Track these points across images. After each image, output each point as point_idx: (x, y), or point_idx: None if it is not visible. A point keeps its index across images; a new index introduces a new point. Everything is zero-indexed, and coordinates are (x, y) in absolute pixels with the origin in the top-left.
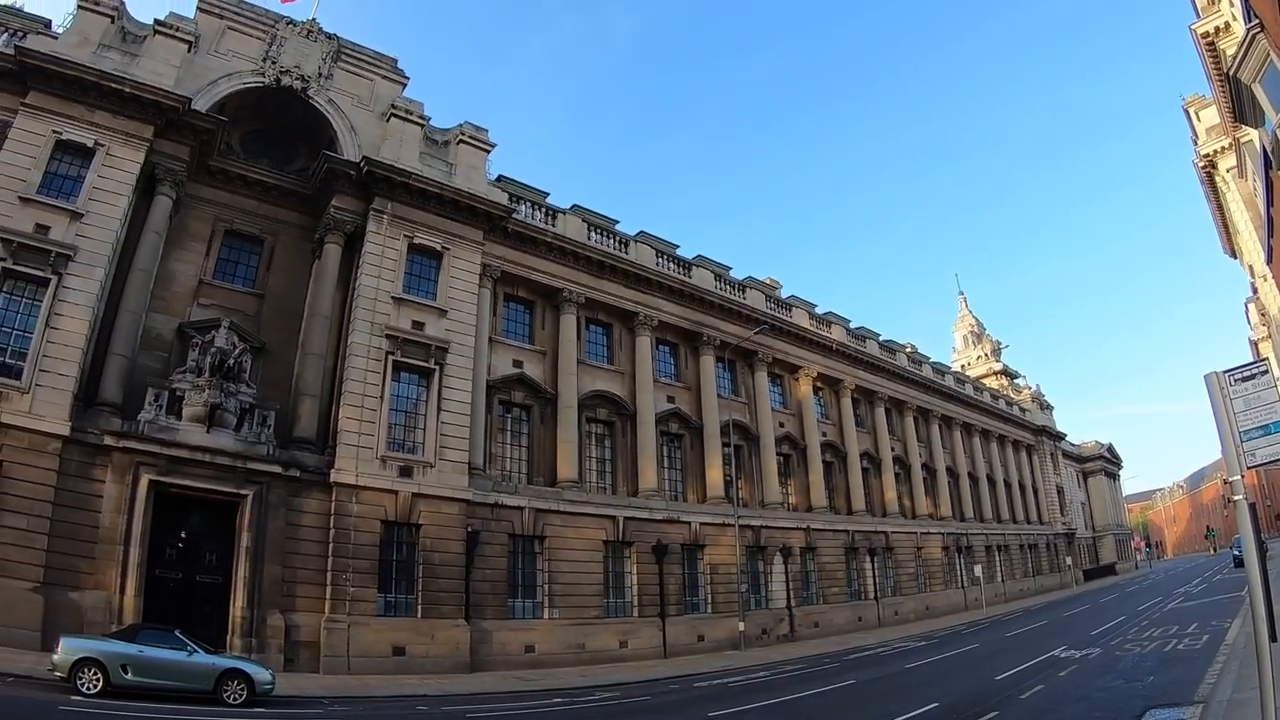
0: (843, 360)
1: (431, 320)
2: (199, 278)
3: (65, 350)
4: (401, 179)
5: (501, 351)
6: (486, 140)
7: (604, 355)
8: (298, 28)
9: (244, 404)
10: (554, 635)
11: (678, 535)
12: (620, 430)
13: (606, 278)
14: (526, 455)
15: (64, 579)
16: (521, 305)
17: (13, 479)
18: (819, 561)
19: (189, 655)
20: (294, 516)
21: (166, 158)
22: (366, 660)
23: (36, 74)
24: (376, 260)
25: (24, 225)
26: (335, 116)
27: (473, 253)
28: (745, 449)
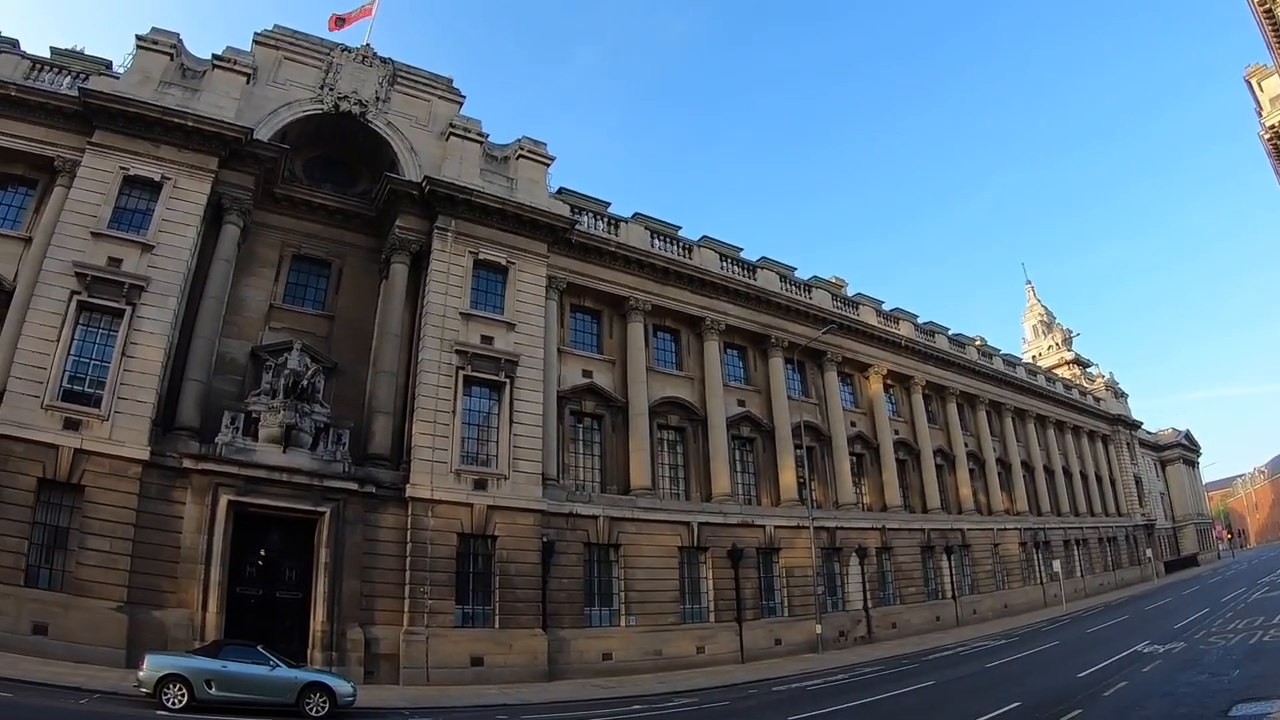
0: (912, 356)
1: (500, 334)
2: (269, 302)
3: (142, 377)
4: (464, 196)
5: (571, 362)
6: (545, 153)
7: (672, 361)
8: (352, 54)
9: (318, 423)
10: (631, 642)
11: (752, 539)
12: (691, 436)
13: (671, 284)
14: (599, 464)
15: (147, 598)
16: (588, 315)
17: (96, 503)
18: (895, 561)
19: (271, 670)
20: (371, 532)
21: (232, 187)
22: (445, 671)
23: (101, 113)
24: (443, 277)
25: (97, 259)
26: (395, 138)
27: (538, 266)
28: (818, 450)
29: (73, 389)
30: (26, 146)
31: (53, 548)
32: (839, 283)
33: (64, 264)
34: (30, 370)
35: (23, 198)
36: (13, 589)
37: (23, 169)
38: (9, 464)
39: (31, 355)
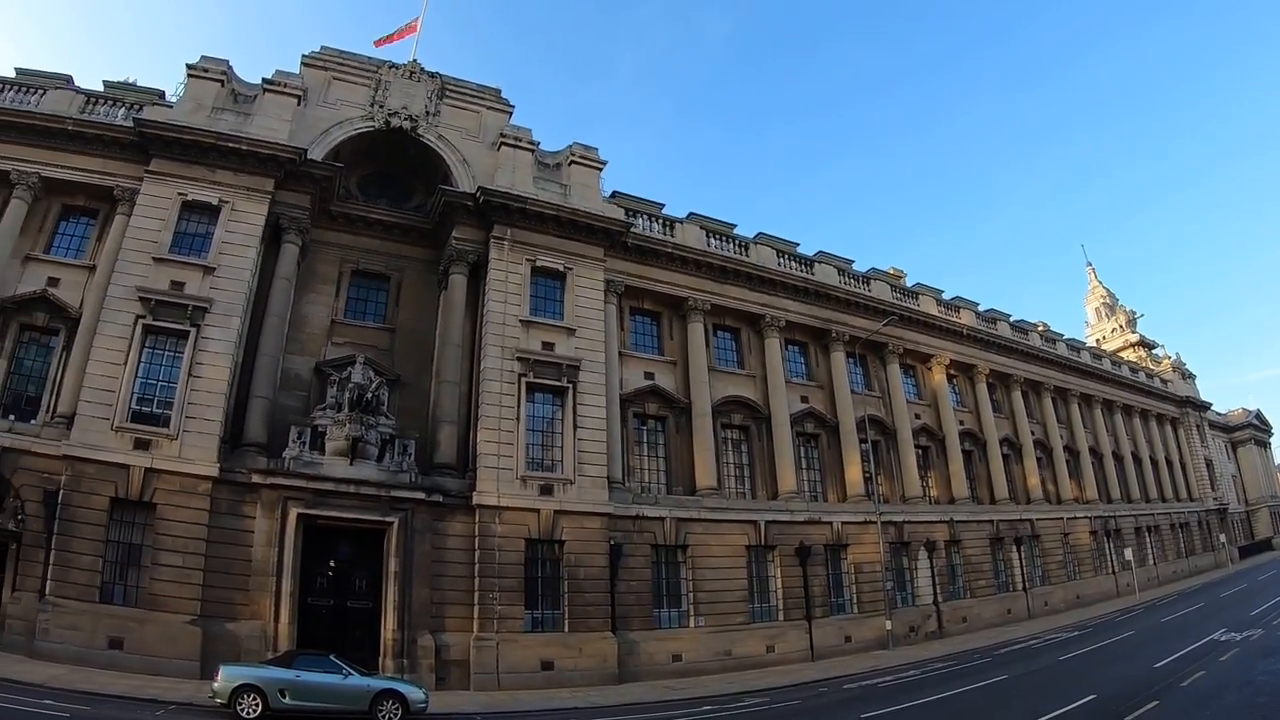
0: (974, 345)
1: (561, 340)
2: (331, 318)
3: (209, 396)
4: (518, 205)
5: (632, 365)
6: (597, 158)
7: (734, 360)
8: (400, 70)
9: (384, 435)
10: (700, 643)
11: (820, 536)
12: (755, 434)
13: (729, 282)
14: (664, 465)
15: (220, 611)
16: (648, 317)
17: (168, 520)
18: (964, 554)
19: (344, 678)
20: (439, 540)
21: (289, 207)
22: (515, 676)
23: (157, 142)
24: (501, 286)
25: (160, 283)
26: (447, 151)
27: (595, 270)
28: (883, 444)
29: (141, 410)
30: (86, 178)
31: (126, 565)
32: (898, 273)
33: (128, 289)
34: (99, 394)
35: (85, 227)
36: (89, 605)
37: (84, 199)
38: (82, 485)
39: (100, 379)
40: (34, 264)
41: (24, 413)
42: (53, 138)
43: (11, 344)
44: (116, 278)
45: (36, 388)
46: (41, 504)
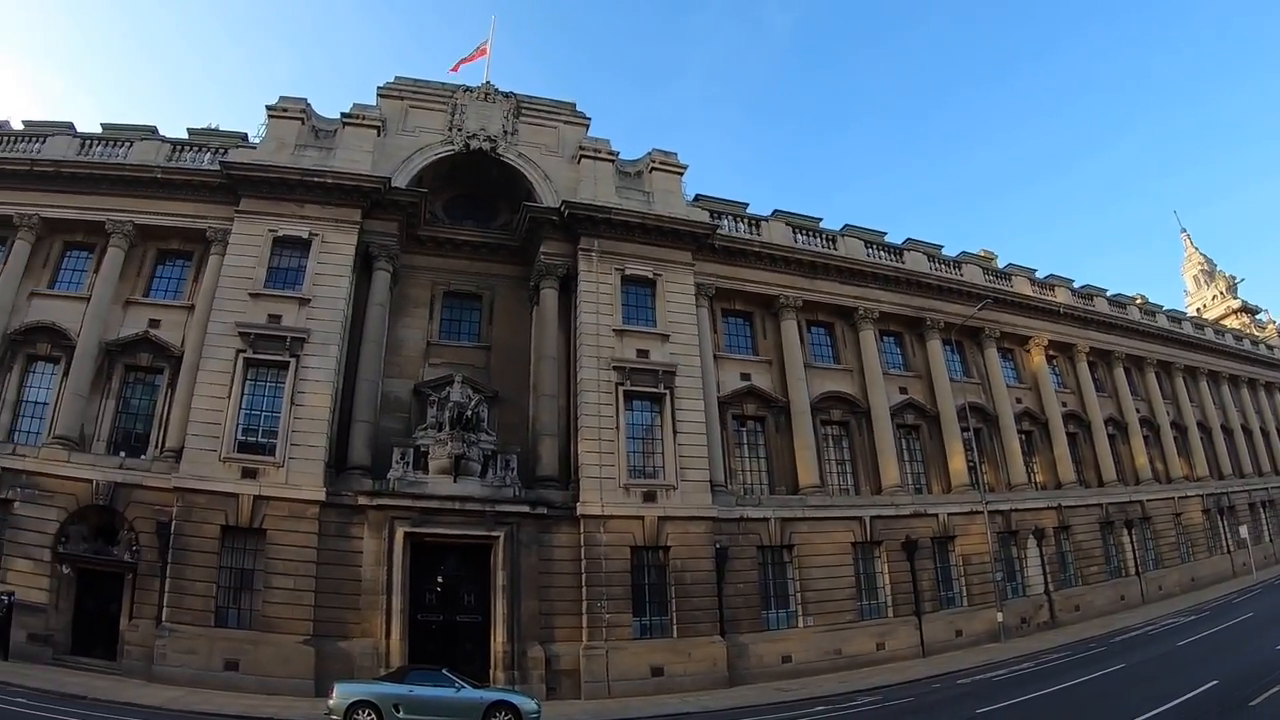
0: (1072, 323)
1: (655, 346)
2: (426, 340)
3: (312, 423)
4: (603, 215)
5: (727, 367)
6: (677, 163)
7: (829, 355)
8: (474, 93)
9: (486, 451)
10: (810, 643)
11: (926, 529)
12: (856, 429)
13: (820, 277)
14: (765, 466)
15: (332, 630)
16: (740, 318)
17: (278, 544)
18: (1073, 540)
19: (457, 691)
20: (545, 551)
21: (378, 235)
22: (626, 683)
23: (244, 182)
24: (592, 297)
25: (258, 318)
26: (528, 168)
27: (684, 275)
28: (984, 431)
29: (247, 440)
30: (178, 222)
31: (239, 589)
32: (988, 255)
33: (227, 325)
34: (205, 426)
35: (181, 269)
36: (204, 630)
37: (178, 243)
38: (193, 515)
39: (205, 413)
40: (135, 308)
41: (134, 449)
42: (143, 186)
43: (118, 384)
44: (215, 315)
45: (144, 425)
46: (155, 535)
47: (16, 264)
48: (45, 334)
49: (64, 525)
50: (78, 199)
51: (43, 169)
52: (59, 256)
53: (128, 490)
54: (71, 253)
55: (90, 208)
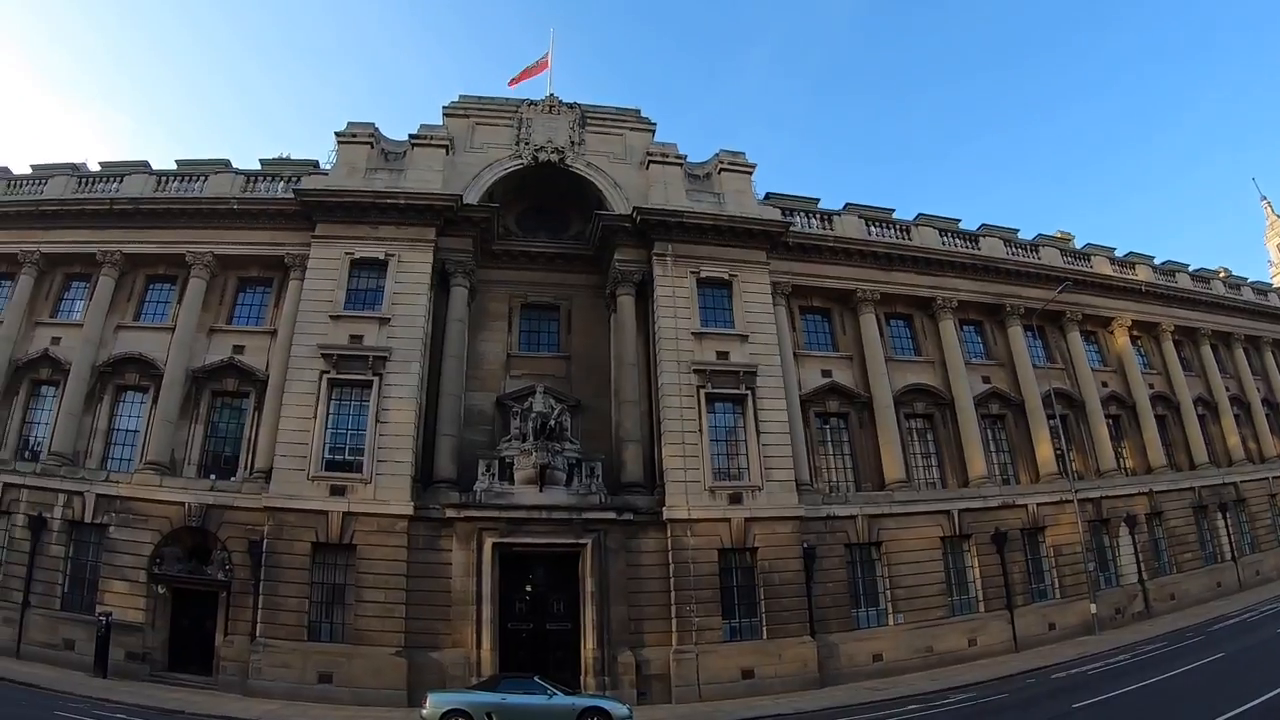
0: (1155, 301)
1: (734, 347)
2: (506, 352)
3: (397, 439)
4: (675, 219)
5: (808, 364)
6: (745, 162)
7: (909, 348)
8: (539, 106)
9: (570, 460)
10: (900, 641)
11: (1015, 520)
12: (940, 421)
13: (895, 269)
14: (850, 463)
15: (423, 641)
16: (818, 314)
17: (368, 559)
18: (1166, 526)
19: (549, 698)
20: (633, 557)
21: (453, 252)
22: (716, 686)
23: (319, 208)
24: (669, 301)
25: (340, 339)
26: (597, 177)
27: (760, 274)
28: (1071, 417)
29: (334, 458)
30: (256, 250)
31: (331, 603)
32: (1065, 236)
33: (310, 348)
34: (293, 447)
35: (262, 295)
36: (298, 644)
37: (257, 270)
38: (284, 533)
39: (292, 433)
40: (219, 335)
41: (223, 471)
42: (220, 218)
43: (206, 409)
44: (298, 338)
45: (233, 447)
46: (247, 553)
47: (102, 299)
48: (133, 364)
49: (158, 547)
50: (157, 233)
51: (122, 207)
52: (143, 290)
53: (219, 511)
54: (154, 285)
55: (170, 241)
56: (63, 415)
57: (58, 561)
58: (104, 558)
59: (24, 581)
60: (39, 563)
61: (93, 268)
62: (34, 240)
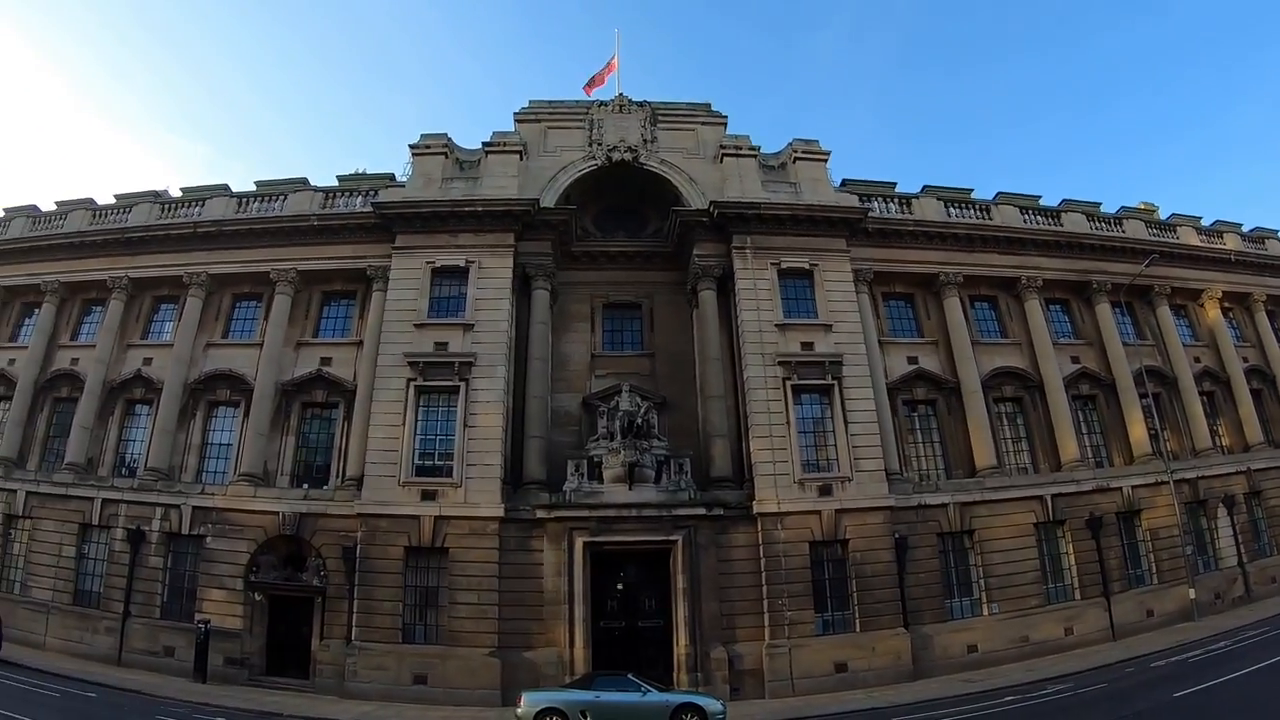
0: (1245, 271)
1: (819, 338)
2: (590, 353)
3: (485, 443)
4: (752, 211)
5: (893, 351)
6: (819, 150)
7: (995, 330)
8: (609, 106)
9: (659, 457)
10: (995, 631)
11: (1109, 504)
12: (1030, 404)
13: (978, 250)
14: (940, 450)
15: (516, 641)
16: (901, 300)
17: (460, 561)
18: (1266, 506)
19: (643, 695)
20: (723, 553)
21: (532, 256)
22: (809, 680)
23: (397, 220)
24: (751, 294)
25: (425, 346)
26: (672, 173)
27: (841, 262)
28: (1163, 395)
29: (424, 464)
30: (338, 264)
31: (424, 606)
32: (1149, 208)
33: (396, 357)
34: (383, 454)
35: (346, 308)
36: (392, 646)
37: (340, 284)
38: (377, 538)
39: (382, 441)
40: (306, 348)
41: (315, 480)
42: (301, 235)
43: (296, 421)
44: (384, 348)
45: (323, 457)
46: (341, 559)
47: (191, 319)
48: (224, 380)
49: (254, 556)
50: (241, 253)
51: (205, 229)
52: (229, 308)
53: (313, 519)
54: (241, 303)
55: (254, 260)
56: (157, 432)
57: (157, 572)
58: (201, 567)
59: (124, 592)
60: (138, 574)
61: (180, 289)
62: (122, 266)
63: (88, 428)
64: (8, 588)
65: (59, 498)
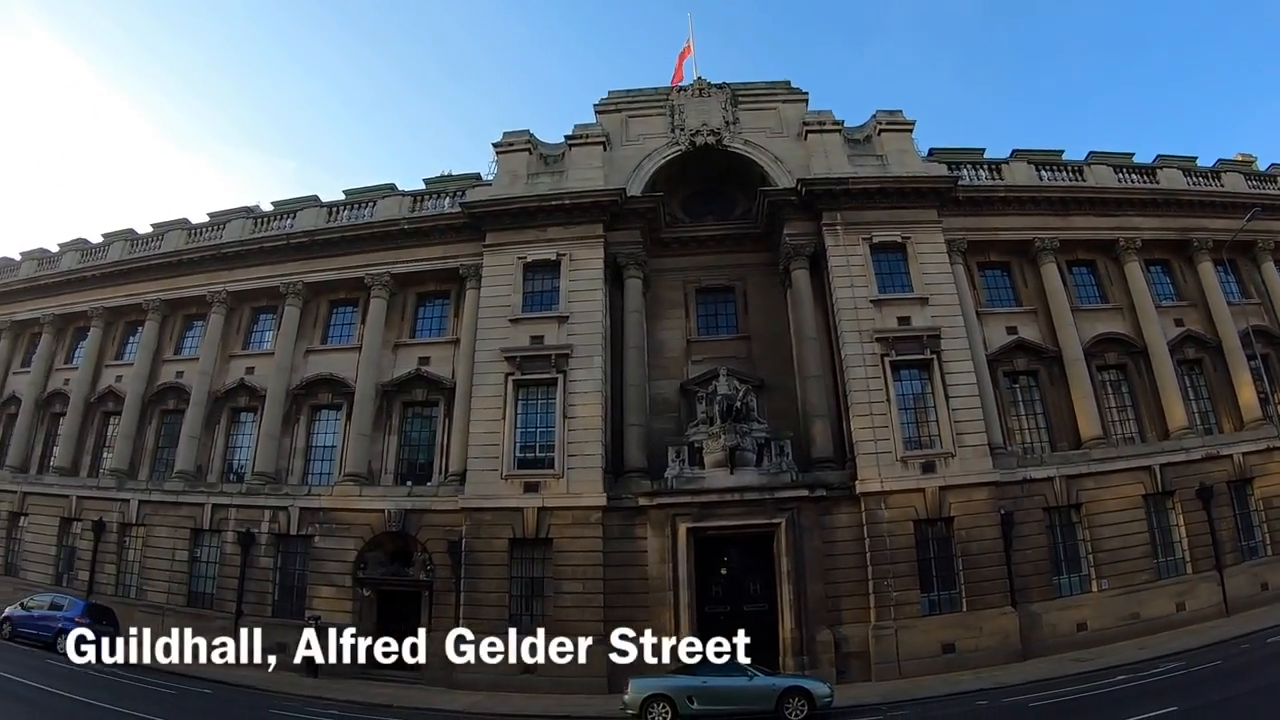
0: None
1: (915, 311)
2: (685, 338)
3: (586, 433)
4: (840, 187)
5: (991, 322)
6: (903, 120)
7: (1095, 296)
8: (688, 91)
9: (759, 440)
10: (1104, 608)
11: (1220, 472)
12: (1134, 371)
13: (1072, 213)
14: (1043, 422)
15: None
16: (997, 269)
17: (564, 551)
18: None
19: (750, 680)
20: (827, 534)
21: (623, 245)
22: (916, 662)
23: (486, 218)
24: (844, 271)
25: (521, 341)
26: (756, 153)
27: (933, 233)
28: (1272, 356)
29: (525, 456)
30: (430, 265)
31: (529, 596)
32: (1247, 159)
33: (493, 352)
34: (485, 449)
35: (441, 308)
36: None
37: (434, 284)
38: (482, 531)
39: (483, 435)
40: (403, 349)
41: (419, 477)
42: (392, 239)
43: (398, 420)
44: (480, 344)
45: (425, 454)
46: (447, 554)
47: (290, 327)
48: (325, 385)
49: (361, 553)
50: (335, 260)
51: (298, 240)
52: (327, 314)
53: (417, 515)
54: (338, 309)
55: (347, 266)
56: (263, 438)
57: (267, 572)
58: (310, 566)
59: (236, 592)
60: (249, 574)
61: (277, 300)
62: (220, 281)
63: (195, 437)
64: (124, 592)
65: (170, 505)
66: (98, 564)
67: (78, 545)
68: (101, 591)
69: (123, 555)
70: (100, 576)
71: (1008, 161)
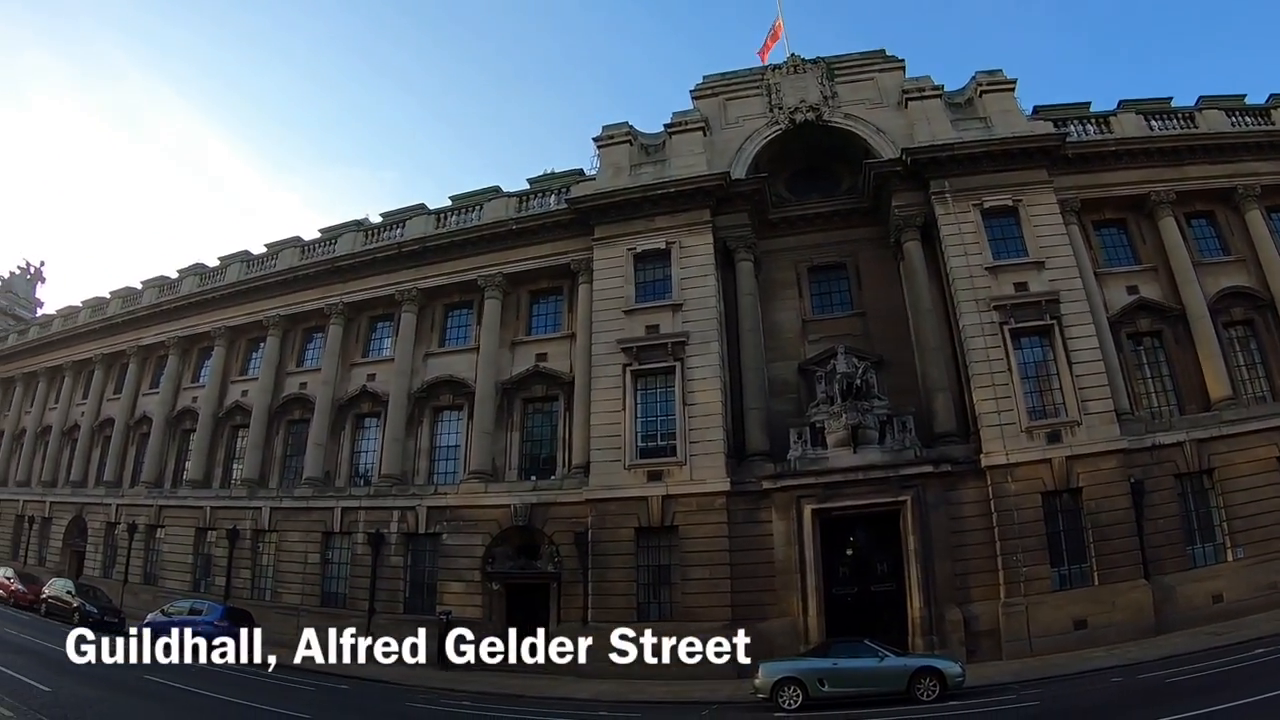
0: None
1: (1031, 276)
2: (801, 318)
3: (706, 419)
4: (946, 153)
5: (1110, 283)
6: (1004, 79)
7: (1216, 248)
8: (782, 69)
9: (880, 417)
10: (1241, 579)
11: None
12: (1262, 326)
13: (1185, 163)
14: (1169, 384)
15: (749, 614)
16: (1112, 227)
17: (690, 538)
18: None
19: (880, 661)
20: (953, 510)
21: (731, 229)
22: (1047, 639)
23: (593, 212)
24: (956, 239)
25: (636, 331)
26: (857, 126)
27: (1044, 194)
28: None
29: (647, 445)
30: (541, 263)
31: (656, 584)
32: None
33: (610, 344)
34: (606, 440)
35: (555, 304)
36: (629, 626)
37: (546, 281)
38: (607, 522)
39: (604, 427)
40: (520, 347)
41: (542, 471)
42: (502, 240)
43: (519, 417)
44: (596, 337)
45: (548, 448)
46: (573, 545)
47: (407, 333)
48: (445, 386)
49: (489, 548)
50: (447, 265)
51: (410, 248)
52: (443, 318)
53: (543, 509)
54: (453, 312)
55: (459, 270)
56: (387, 441)
57: (398, 570)
58: (440, 562)
59: (368, 591)
60: (380, 573)
61: (393, 307)
62: (336, 293)
63: (321, 444)
64: (259, 595)
65: (301, 510)
66: (233, 569)
67: (213, 553)
68: (238, 595)
69: (257, 560)
70: (236, 581)
71: (1115, 113)
